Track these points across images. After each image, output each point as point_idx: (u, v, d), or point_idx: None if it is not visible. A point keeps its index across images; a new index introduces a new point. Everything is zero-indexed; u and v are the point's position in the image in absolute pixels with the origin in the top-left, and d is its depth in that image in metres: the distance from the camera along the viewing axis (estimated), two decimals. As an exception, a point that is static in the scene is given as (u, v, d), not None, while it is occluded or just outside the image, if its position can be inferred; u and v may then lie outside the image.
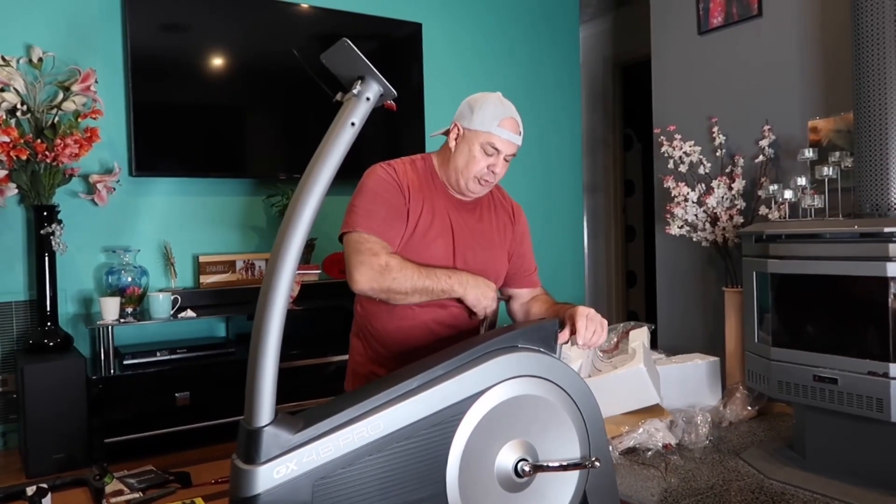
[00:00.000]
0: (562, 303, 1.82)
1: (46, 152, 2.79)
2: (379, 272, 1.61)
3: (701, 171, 3.33)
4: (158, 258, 3.32)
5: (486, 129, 1.71)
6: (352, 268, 1.64)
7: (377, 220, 1.67)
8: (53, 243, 2.87)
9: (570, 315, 1.62)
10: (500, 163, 1.73)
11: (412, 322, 1.73)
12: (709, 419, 2.70)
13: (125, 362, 2.91)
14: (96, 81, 2.99)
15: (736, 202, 3.20)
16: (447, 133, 1.80)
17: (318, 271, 3.48)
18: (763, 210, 3.04)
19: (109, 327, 2.90)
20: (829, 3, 2.99)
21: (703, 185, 3.26)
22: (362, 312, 1.81)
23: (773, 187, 2.85)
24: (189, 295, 3.22)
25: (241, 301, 3.32)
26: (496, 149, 1.72)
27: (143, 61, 3.17)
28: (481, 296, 1.68)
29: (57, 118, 2.90)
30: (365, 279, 1.61)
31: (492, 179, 1.75)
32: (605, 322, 1.61)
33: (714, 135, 3.36)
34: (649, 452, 2.52)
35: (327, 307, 3.42)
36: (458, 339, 1.70)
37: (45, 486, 2.31)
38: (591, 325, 1.58)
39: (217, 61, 3.39)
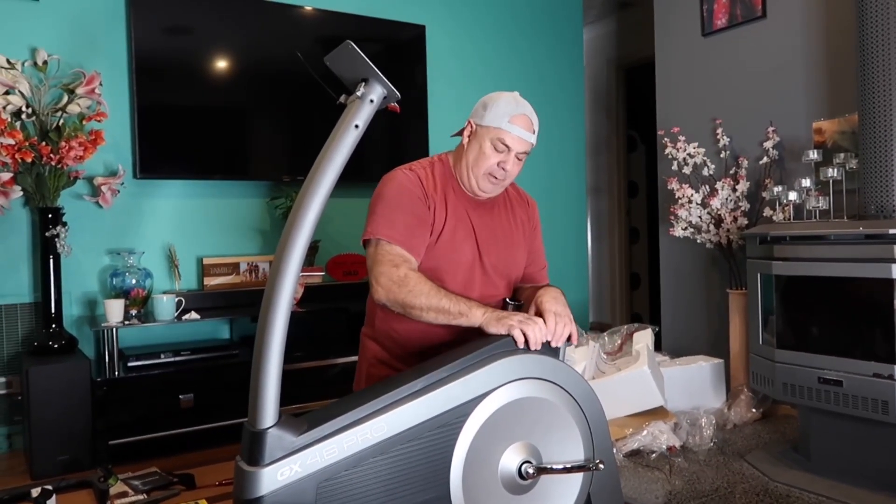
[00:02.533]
0: (540, 286, 1.79)
1: (51, 155, 2.80)
2: (396, 284, 1.59)
3: (705, 172, 3.32)
4: (162, 260, 3.32)
5: (497, 124, 1.70)
6: (373, 278, 1.64)
7: (399, 228, 1.65)
8: (58, 245, 2.88)
9: (538, 307, 1.62)
10: (511, 160, 1.71)
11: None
12: (713, 421, 2.69)
13: (129, 364, 2.92)
14: (101, 84, 3.00)
15: (740, 204, 3.19)
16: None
17: (322, 273, 3.48)
18: (767, 212, 3.03)
19: (114, 329, 2.91)
20: (833, 4, 2.98)
21: (707, 186, 3.25)
22: (383, 315, 1.79)
23: (778, 189, 2.84)
24: (193, 297, 3.23)
25: (245, 303, 3.32)
26: (506, 145, 1.70)
27: (148, 64, 3.17)
28: (507, 325, 1.49)
29: (62, 121, 2.91)
30: (383, 290, 1.61)
31: (502, 177, 1.73)
32: (570, 315, 1.62)
33: (718, 136, 3.36)
34: (653, 455, 2.51)
35: (331, 309, 3.42)
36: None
37: (49, 487, 2.31)
38: (559, 321, 1.56)
39: (221, 64, 3.39)
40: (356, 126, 1.26)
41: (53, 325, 2.91)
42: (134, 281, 3.05)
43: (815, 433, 2.38)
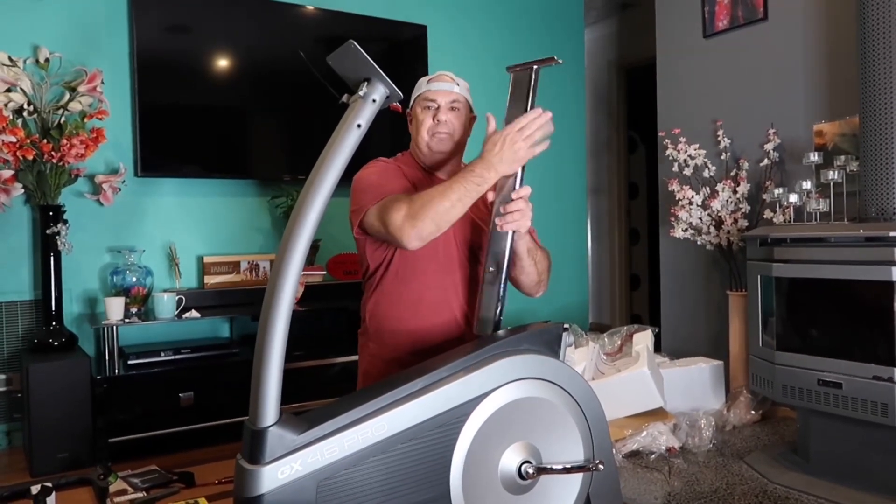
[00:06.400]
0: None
1: (52, 152, 2.81)
2: (408, 214, 1.55)
3: (705, 174, 3.32)
4: (163, 258, 3.33)
5: (419, 92, 1.83)
6: (391, 233, 1.58)
7: (388, 188, 1.69)
8: (59, 243, 2.88)
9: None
10: (443, 110, 1.79)
11: (438, 319, 1.73)
12: (712, 423, 2.69)
13: (129, 362, 2.92)
14: (102, 82, 3.00)
15: (740, 206, 3.19)
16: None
17: (323, 273, 3.48)
18: (768, 214, 3.04)
19: (114, 327, 2.91)
20: (834, 7, 2.98)
21: (708, 188, 3.25)
22: (374, 314, 1.81)
23: (778, 191, 2.84)
24: (193, 295, 3.23)
25: (246, 302, 3.32)
26: (431, 100, 1.80)
27: (150, 62, 3.18)
28: (511, 157, 1.52)
29: (63, 118, 2.91)
30: (404, 231, 1.55)
31: (442, 129, 1.79)
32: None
33: (719, 138, 3.36)
34: (653, 456, 2.52)
35: (332, 308, 3.43)
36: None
37: (49, 485, 2.31)
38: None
39: (223, 63, 3.40)
40: (358, 126, 1.27)
41: (54, 323, 2.91)
42: (134, 279, 3.06)
43: (814, 435, 2.38)
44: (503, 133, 1.54)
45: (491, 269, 1.60)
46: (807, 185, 2.70)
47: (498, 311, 1.58)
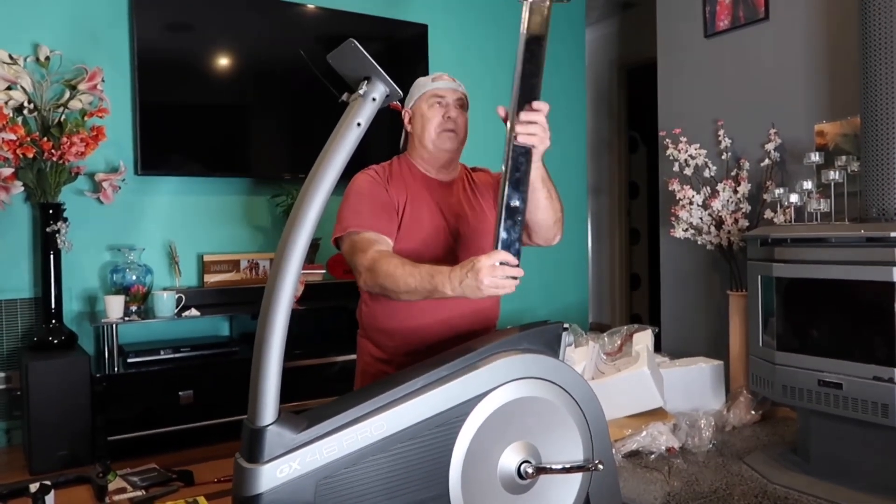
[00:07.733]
0: None
1: (53, 150, 2.80)
2: (369, 271, 1.62)
3: (706, 174, 3.32)
4: (163, 257, 3.32)
5: (423, 91, 1.82)
6: (354, 271, 1.70)
7: (364, 216, 1.71)
8: (59, 241, 2.88)
9: None
10: (452, 107, 1.80)
11: (432, 319, 1.73)
12: (712, 423, 2.69)
13: (129, 360, 2.92)
14: (103, 80, 3.00)
15: (741, 206, 3.19)
16: (406, 131, 1.90)
17: (323, 271, 3.48)
18: (768, 214, 3.03)
19: (114, 325, 2.91)
20: (836, 6, 2.98)
21: (709, 188, 3.25)
22: (369, 312, 1.82)
23: (779, 191, 2.84)
24: (193, 294, 3.23)
25: (245, 300, 3.32)
26: (441, 96, 1.81)
27: (150, 61, 3.17)
28: (476, 285, 1.41)
29: (63, 117, 2.91)
30: (362, 279, 1.66)
31: (453, 126, 1.80)
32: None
33: (720, 138, 3.36)
34: (652, 456, 2.52)
35: (331, 307, 3.42)
36: (479, 333, 1.71)
37: (48, 483, 2.31)
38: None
39: (223, 61, 3.39)
40: (358, 124, 1.27)
41: (53, 321, 2.91)
42: (134, 277, 3.05)
43: (814, 436, 2.38)
44: (479, 260, 1.41)
45: (514, 203, 1.47)
46: (808, 185, 2.69)
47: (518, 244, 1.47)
